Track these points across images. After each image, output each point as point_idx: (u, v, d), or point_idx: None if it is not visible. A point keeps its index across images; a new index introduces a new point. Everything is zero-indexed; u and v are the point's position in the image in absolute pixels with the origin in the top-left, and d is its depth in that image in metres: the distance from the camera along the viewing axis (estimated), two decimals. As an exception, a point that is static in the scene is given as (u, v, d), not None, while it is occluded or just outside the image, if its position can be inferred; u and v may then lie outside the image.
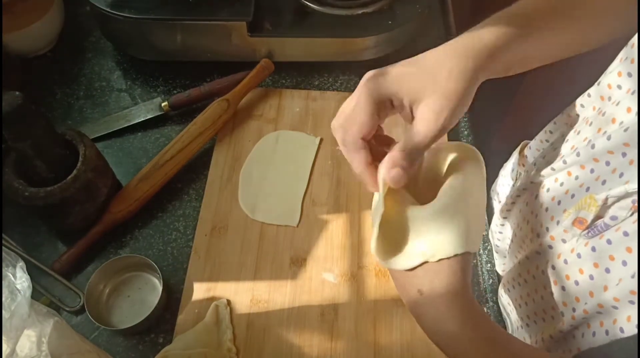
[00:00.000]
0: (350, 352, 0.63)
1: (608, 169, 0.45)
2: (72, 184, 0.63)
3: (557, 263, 0.51)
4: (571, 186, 0.50)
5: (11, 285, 0.41)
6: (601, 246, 0.44)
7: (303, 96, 0.84)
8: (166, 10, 0.79)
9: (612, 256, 0.43)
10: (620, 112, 0.45)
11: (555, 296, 0.51)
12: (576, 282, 0.48)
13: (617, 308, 0.42)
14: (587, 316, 0.45)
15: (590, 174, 0.47)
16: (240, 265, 0.69)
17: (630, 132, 0.42)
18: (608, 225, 0.43)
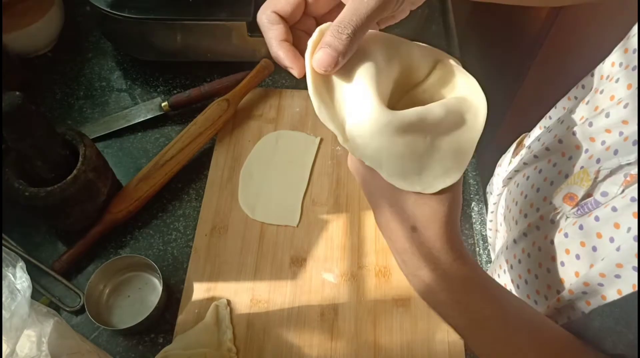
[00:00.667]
0: (350, 352, 0.63)
1: (603, 148, 0.44)
2: (72, 184, 0.63)
3: (544, 245, 0.50)
4: (564, 165, 0.49)
5: (11, 285, 0.41)
6: (589, 224, 0.43)
7: (303, 96, 0.84)
8: (166, 10, 0.79)
9: (599, 233, 0.42)
10: (619, 89, 0.45)
11: (539, 279, 0.50)
12: (562, 263, 0.47)
13: (602, 285, 0.41)
14: (573, 297, 0.44)
15: (585, 154, 0.46)
16: (240, 265, 0.69)
17: (630, 109, 0.41)
18: (598, 202, 0.42)
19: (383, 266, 0.69)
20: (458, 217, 0.39)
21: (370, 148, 0.36)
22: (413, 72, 0.41)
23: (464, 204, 0.75)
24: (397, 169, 0.36)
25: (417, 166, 0.36)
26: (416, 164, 0.36)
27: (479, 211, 0.74)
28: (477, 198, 0.76)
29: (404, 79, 0.40)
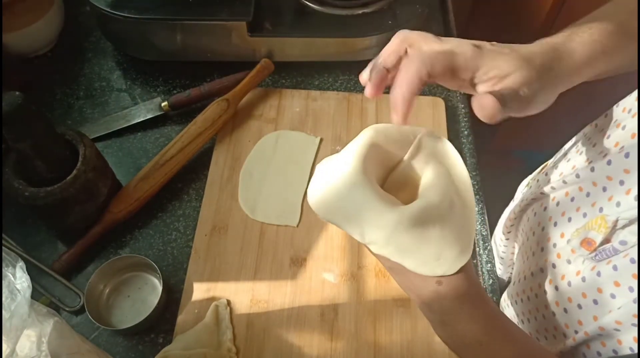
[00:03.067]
0: (350, 352, 0.63)
1: (622, 189, 0.43)
2: (72, 184, 0.63)
3: (560, 284, 0.50)
4: (582, 202, 0.49)
5: (11, 285, 0.41)
6: (607, 271, 0.43)
7: (303, 96, 0.84)
8: (166, 10, 0.79)
9: (617, 282, 0.42)
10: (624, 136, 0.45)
11: (557, 317, 0.51)
12: (579, 305, 0.47)
13: (619, 330, 0.42)
14: (588, 338, 0.45)
15: (603, 193, 0.46)
16: (240, 265, 0.69)
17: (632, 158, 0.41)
18: (617, 250, 0.42)
19: (383, 267, 0.69)
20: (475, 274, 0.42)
21: (391, 246, 0.39)
22: (394, 155, 0.44)
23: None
24: (418, 260, 0.40)
25: (434, 253, 0.39)
26: (433, 251, 0.39)
27: (479, 211, 0.74)
28: (477, 198, 0.76)
29: (387, 162, 0.44)
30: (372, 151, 0.41)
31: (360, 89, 0.87)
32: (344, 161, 0.41)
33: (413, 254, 0.39)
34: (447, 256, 0.39)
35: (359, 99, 0.84)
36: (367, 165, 0.40)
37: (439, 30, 0.95)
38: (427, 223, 0.39)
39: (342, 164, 0.41)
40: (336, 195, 0.40)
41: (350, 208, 0.40)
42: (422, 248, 0.39)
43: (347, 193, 0.40)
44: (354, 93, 0.85)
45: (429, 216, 0.39)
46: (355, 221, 0.40)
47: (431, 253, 0.39)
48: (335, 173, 0.41)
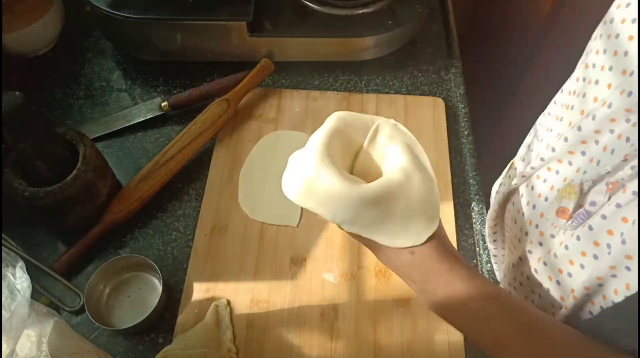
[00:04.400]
0: (350, 352, 0.63)
1: (585, 159, 0.46)
2: (72, 184, 0.63)
3: (549, 259, 0.51)
4: (553, 180, 0.51)
5: (11, 285, 0.41)
6: (585, 234, 0.45)
7: (303, 96, 0.84)
8: (166, 10, 0.79)
9: (596, 242, 0.44)
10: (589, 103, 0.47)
11: (551, 292, 0.52)
12: (569, 274, 0.48)
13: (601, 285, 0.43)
14: (578, 302, 0.46)
15: (569, 167, 0.48)
16: (240, 265, 0.69)
17: (599, 120, 0.42)
18: (589, 212, 0.44)
19: (383, 267, 0.69)
20: (448, 242, 0.45)
21: (359, 223, 0.43)
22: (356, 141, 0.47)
23: (464, 204, 0.75)
24: (387, 234, 0.43)
25: (401, 226, 0.43)
26: (400, 224, 0.43)
27: (479, 211, 0.74)
28: (477, 198, 0.76)
29: (351, 149, 0.47)
30: (334, 137, 0.44)
31: (360, 89, 0.87)
32: (308, 148, 0.44)
33: (381, 229, 0.43)
34: (414, 228, 0.43)
35: (359, 99, 0.84)
36: (331, 150, 0.44)
37: (439, 30, 0.96)
38: (391, 198, 0.42)
39: (307, 152, 0.44)
40: (305, 180, 0.43)
41: (318, 191, 0.43)
42: (390, 223, 0.42)
43: (313, 177, 0.43)
44: (354, 93, 0.85)
45: (391, 192, 0.42)
46: (324, 202, 0.43)
47: (398, 227, 0.42)
48: (302, 161, 0.44)
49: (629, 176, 0.40)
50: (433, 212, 0.43)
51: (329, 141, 0.44)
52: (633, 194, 0.39)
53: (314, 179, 0.43)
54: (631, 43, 0.41)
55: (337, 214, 0.42)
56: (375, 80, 0.88)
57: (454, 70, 0.89)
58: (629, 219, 0.39)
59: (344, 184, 0.42)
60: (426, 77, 0.89)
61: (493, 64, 1.29)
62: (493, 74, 1.29)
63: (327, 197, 0.42)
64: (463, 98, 0.86)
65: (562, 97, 0.54)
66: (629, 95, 0.39)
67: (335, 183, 0.42)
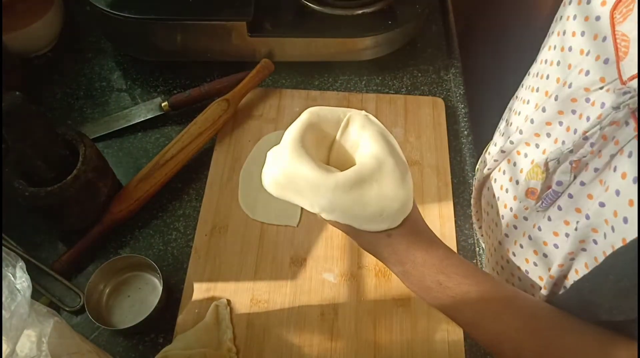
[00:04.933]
0: (350, 352, 0.63)
1: (550, 141, 0.47)
2: (72, 185, 0.63)
3: (524, 242, 0.52)
4: (522, 163, 0.52)
5: (11, 285, 0.41)
6: (555, 214, 0.46)
7: (303, 96, 0.84)
8: (166, 10, 0.79)
9: (566, 220, 0.45)
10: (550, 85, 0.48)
11: (530, 274, 0.53)
12: (544, 255, 0.50)
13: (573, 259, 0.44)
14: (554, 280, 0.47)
15: (536, 149, 0.49)
16: (240, 265, 0.69)
17: (560, 101, 0.44)
18: (557, 192, 0.45)
19: (383, 266, 0.69)
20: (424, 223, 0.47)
21: (337, 210, 0.44)
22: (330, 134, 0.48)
23: (464, 204, 0.75)
24: (364, 219, 0.44)
25: (376, 210, 0.44)
26: (375, 208, 0.44)
27: (479, 211, 0.74)
28: (477, 198, 0.76)
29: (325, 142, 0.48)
30: (308, 130, 0.46)
31: (360, 89, 0.87)
32: (283, 141, 0.46)
33: (358, 214, 0.44)
34: (389, 212, 0.44)
35: (358, 99, 0.84)
36: (305, 143, 0.45)
37: (439, 30, 0.96)
38: (364, 184, 0.43)
39: (282, 145, 0.46)
40: (281, 173, 0.45)
41: (294, 182, 0.44)
42: (365, 208, 0.44)
43: (288, 168, 0.44)
44: (354, 93, 0.85)
45: (364, 178, 0.43)
46: (301, 193, 0.44)
47: (373, 211, 0.44)
48: (278, 154, 0.46)
49: (589, 153, 0.41)
50: (407, 195, 0.44)
51: (302, 134, 0.45)
52: (594, 171, 0.40)
53: (290, 171, 0.44)
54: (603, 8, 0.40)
55: (315, 203, 0.44)
56: (375, 80, 0.88)
57: (454, 70, 0.89)
58: (594, 195, 0.41)
59: (318, 172, 0.43)
60: (426, 77, 0.89)
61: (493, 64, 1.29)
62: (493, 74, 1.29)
63: (303, 187, 0.44)
64: (463, 98, 0.86)
65: (535, 68, 0.54)
66: (605, 62, 0.39)
67: (309, 172, 0.43)
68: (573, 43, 0.43)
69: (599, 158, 0.40)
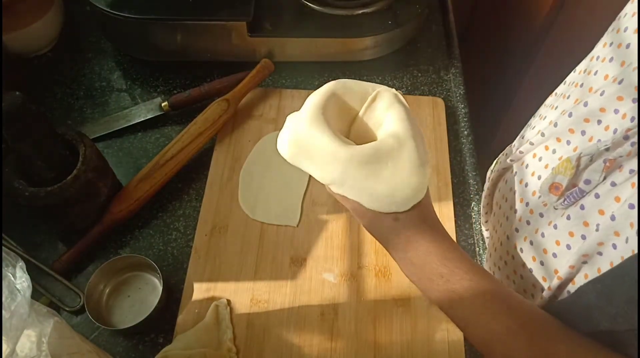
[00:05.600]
0: (350, 352, 0.63)
1: (584, 139, 0.45)
2: (72, 185, 0.63)
3: (535, 238, 0.51)
4: (549, 159, 0.51)
5: (11, 285, 0.41)
6: (576, 213, 0.45)
7: (303, 96, 0.84)
8: (166, 10, 0.79)
9: (586, 222, 0.44)
10: (597, 81, 0.46)
11: (534, 273, 0.52)
12: (554, 254, 0.48)
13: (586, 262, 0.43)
14: (562, 282, 0.46)
15: (567, 146, 0.48)
16: (240, 265, 0.69)
17: (607, 96, 0.42)
18: (583, 191, 0.44)
19: (383, 266, 0.69)
20: (434, 214, 0.46)
21: (347, 184, 0.43)
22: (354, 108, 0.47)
23: (464, 204, 0.75)
24: (372, 197, 0.43)
25: (387, 190, 0.43)
26: (386, 188, 0.43)
27: (478, 211, 0.74)
28: (477, 198, 0.76)
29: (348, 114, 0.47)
30: (331, 100, 0.45)
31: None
32: (304, 107, 0.45)
33: (367, 191, 0.43)
34: (400, 194, 0.43)
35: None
36: (326, 112, 0.44)
37: (439, 30, 0.95)
38: (379, 162, 0.42)
39: (302, 110, 0.45)
40: (297, 138, 0.44)
41: (309, 149, 0.43)
42: (376, 186, 0.42)
43: (305, 135, 0.43)
44: (354, 93, 0.85)
45: (380, 156, 0.42)
46: (314, 161, 0.44)
47: (384, 191, 0.42)
48: (297, 119, 0.45)
49: (628, 153, 0.39)
50: (421, 182, 0.43)
51: (324, 103, 0.44)
52: (630, 173, 0.39)
53: (306, 138, 0.43)
54: (634, 36, 0.40)
55: (326, 173, 0.43)
56: (375, 80, 0.88)
57: (454, 70, 0.89)
58: (622, 198, 0.40)
59: (334, 142, 0.42)
60: (426, 77, 0.89)
61: (493, 64, 1.29)
62: (493, 74, 1.29)
63: (316, 155, 0.43)
64: (463, 98, 0.86)
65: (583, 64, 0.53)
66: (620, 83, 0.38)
67: (325, 141, 0.42)
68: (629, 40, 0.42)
69: (636, 159, 0.38)
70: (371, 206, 0.43)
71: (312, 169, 0.44)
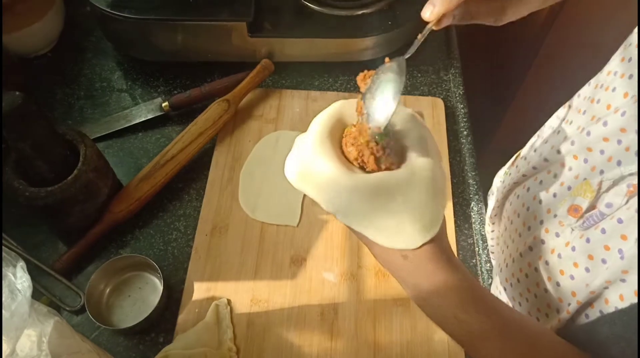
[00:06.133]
0: (350, 352, 0.63)
1: (603, 158, 0.44)
2: (73, 184, 0.63)
3: (551, 259, 0.50)
4: (566, 177, 0.49)
5: (11, 285, 0.41)
6: (595, 236, 0.43)
7: (303, 96, 0.84)
8: (166, 10, 0.79)
9: (607, 246, 0.42)
10: (616, 98, 0.45)
11: (549, 293, 0.51)
12: (571, 276, 0.47)
13: (607, 288, 0.41)
14: (581, 307, 0.45)
15: (585, 164, 0.46)
16: (240, 264, 0.69)
17: (628, 117, 0.41)
18: (603, 214, 0.42)
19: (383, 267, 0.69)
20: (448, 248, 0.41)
21: (352, 215, 0.40)
22: None
23: (463, 204, 0.75)
24: (378, 231, 0.39)
25: (394, 225, 0.39)
26: (393, 222, 0.39)
27: (478, 211, 0.74)
28: (477, 198, 0.76)
29: None
30: (337, 121, 0.42)
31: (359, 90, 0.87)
32: (309, 130, 0.42)
33: (373, 224, 0.39)
34: (408, 230, 0.39)
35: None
36: (332, 134, 0.41)
37: (439, 31, 0.95)
38: (388, 194, 0.39)
39: (308, 133, 0.42)
40: (303, 163, 0.41)
41: (314, 176, 0.41)
42: (382, 219, 0.39)
43: (310, 160, 0.41)
44: (354, 94, 0.85)
45: (389, 187, 0.39)
46: (319, 188, 0.41)
47: (391, 225, 0.39)
48: (304, 143, 0.42)
49: None
50: (434, 217, 0.39)
51: (330, 125, 0.42)
52: None
53: (311, 163, 0.41)
54: None
55: (331, 202, 0.40)
56: (375, 80, 0.88)
57: (454, 70, 0.89)
58: None
59: (339, 170, 0.39)
60: (426, 77, 0.89)
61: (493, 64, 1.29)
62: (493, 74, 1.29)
63: (322, 182, 0.40)
64: (462, 98, 0.86)
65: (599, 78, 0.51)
66: None
67: (330, 168, 0.40)
68: None
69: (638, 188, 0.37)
70: (377, 240, 0.40)
71: (317, 197, 0.41)
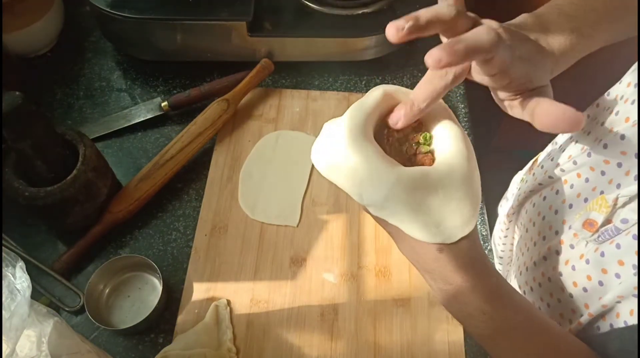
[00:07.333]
0: (350, 352, 0.63)
1: (621, 171, 0.44)
2: (72, 184, 0.63)
3: (564, 270, 0.50)
4: (582, 188, 0.49)
5: (11, 285, 0.41)
6: (610, 251, 0.43)
7: (303, 96, 0.84)
8: (166, 10, 0.79)
9: (621, 261, 0.42)
10: (635, 111, 0.45)
11: (562, 303, 0.51)
12: (584, 289, 0.47)
13: (619, 302, 0.42)
14: (592, 319, 0.45)
15: (602, 177, 0.46)
16: (240, 265, 0.69)
17: None
18: (619, 229, 0.42)
19: (383, 266, 0.69)
20: (480, 247, 0.41)
21: (388, 208, 0.38)
22: None
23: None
24: (417, 225, 0.38)
25: (434, 219, 0.38)
26: (433, 217, 0.38)
27: (479, 212, 0.74)
28: (477, 198, 0.76)
29: None
30: (376, 110, 0.41)
31: (360, 89, 0.87)
32: (347, 118, 0.40)
33: (411, 218, 0.38)
34: (448, 224, 0.38)
35: (359, 99, 0.84)
36: (367, 124, 0.40)
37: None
38: (429, 188, 0.38)
39: (344, 122, 0.40)
40: (336, 152, 0.39)
41: (349, 166, 0.38)
42: (422, 213, 0.38)
43: (346, 150, 0.39)
44: (354, 93, 0.85)
45: (430, 182, 0.38)
46: (353, 180, 0.39)
47: (431, 220, 0.38)
48: (338, 130, 0.40)
49: None
50: (472, 214, 0.39)
51: (368, 114, 0.40)
52: None
53: (346, 154, 0.38)
54: None
55: (366, 195, 0.38)
56: (375, 80, 0.88)
57: (454, 70, 0.89)
58: None
59: (379, 162, 0.37)
60: (426, 77, 0.89)
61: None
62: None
63: (357, 174, 0.38)
64: (463, 98, 0.86)
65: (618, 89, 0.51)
66: None
67: (368, 160, 0.38)
68: None
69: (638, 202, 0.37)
70: (414, 234, 0.39)
71: (348, 188, 0.39)
